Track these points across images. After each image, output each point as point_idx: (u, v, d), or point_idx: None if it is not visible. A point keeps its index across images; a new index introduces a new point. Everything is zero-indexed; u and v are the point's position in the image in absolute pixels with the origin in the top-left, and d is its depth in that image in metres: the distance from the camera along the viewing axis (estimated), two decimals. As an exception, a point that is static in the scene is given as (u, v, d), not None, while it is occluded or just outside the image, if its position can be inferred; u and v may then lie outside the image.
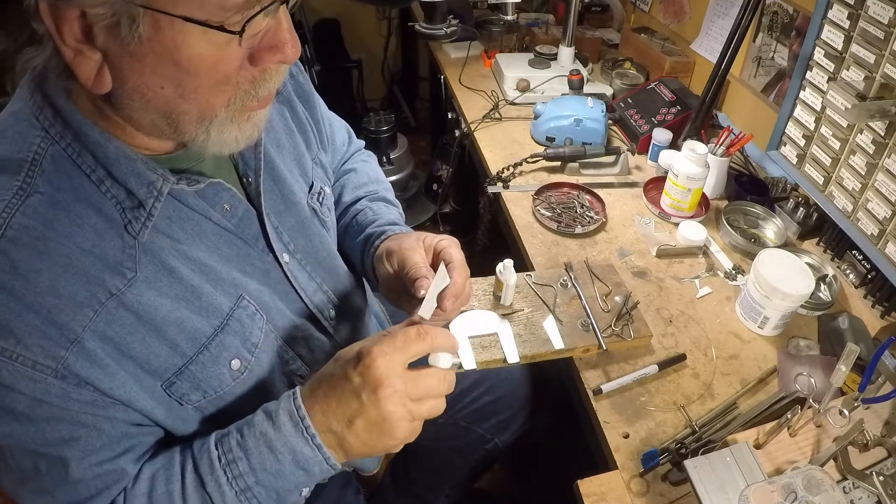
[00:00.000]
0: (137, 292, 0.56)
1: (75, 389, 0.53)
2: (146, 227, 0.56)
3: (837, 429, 0.75)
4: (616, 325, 0.91)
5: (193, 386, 0.62)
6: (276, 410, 0.59)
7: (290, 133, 0.77)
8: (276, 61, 0.52)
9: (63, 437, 0.54)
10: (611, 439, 0.80)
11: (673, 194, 1.17)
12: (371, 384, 0.55)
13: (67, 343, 0.52)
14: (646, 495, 0.74)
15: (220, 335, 0.63)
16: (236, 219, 0.66)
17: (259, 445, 0.58)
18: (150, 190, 0.56)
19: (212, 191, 0.62)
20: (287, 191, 0.73)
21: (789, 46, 1.27)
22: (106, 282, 0.54)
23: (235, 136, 0.56)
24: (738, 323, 0.99)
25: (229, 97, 0.52)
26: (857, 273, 1.04)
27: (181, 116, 0.52)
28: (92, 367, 0.54)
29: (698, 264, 1.11)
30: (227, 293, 0.63)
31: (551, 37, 1.77)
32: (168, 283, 0.58)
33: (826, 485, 0.65)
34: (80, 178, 0.54)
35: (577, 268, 1.01)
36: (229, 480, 0.58)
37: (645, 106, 1.44)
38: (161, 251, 0.58)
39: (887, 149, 0.94)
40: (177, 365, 0.60)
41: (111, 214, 0.55)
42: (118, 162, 0.55)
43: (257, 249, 0.69)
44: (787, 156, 1.18)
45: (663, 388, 0.87)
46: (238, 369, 0.65)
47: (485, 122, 1.50)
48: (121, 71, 0.49)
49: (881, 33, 0.92)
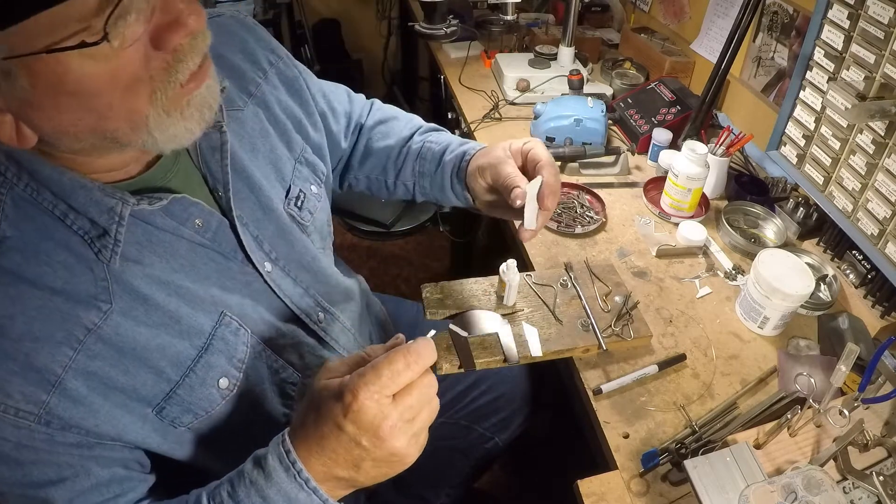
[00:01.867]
0: (115, 324, 0.56)
1: (60, 433, 0.54)
2: (115, 253, 0.55)
3: (837, 429, 0.75)
4: (616, 325, 0.91)
5: (184, 409, 0.61)
6: (265, 456, 0.56)
7: (265, 136, 0.74)
8: (182, 38, 0.48)
9: (50, 479, 0.55)
10: (611, 439, 0.80)
11: (673, 194, 1.17)
12: (368, 430, 0.52)
13: (49, 386, 0.52)
14: (646, 495, 0.74)
15: (205, 356, 0.62)
16: (210, 233, 0.64)
17: (251, 496, 0.55)
18: (110, 216, 0.55)
19: (178, 208, 0.60)
20: (264, 198, 0.71)
21: (789, 46, 1.27)
22: (81, 318, 0.54)
23: (183, 126, 0.52)
24: (738, 323, 0.99)
25: (150, 94, 0.49)
26: (857, 273, 1.04)
27: (115, 133, 0.50)
28: (76, 407, 0.54)
29: (698, 264, 1.11)
30: (207, 312, 0.63)
31: (551, 37, 1.77)
32: (144, 311, 0.58)
33: (826, 485, 0.65)
34: (42, 216, 0.54)
35: (577, 268, 1.01)
36: None
37: (645, 106, 1.44)
38: (134, 279, 0.57)
39: (887, 149, 0.94)
40: (164, 390, 0.59)
41: (79, 249, 0.55)
42: (75, 193, 0.54)
43: (237, 262, 0.67)
44: (787, 156, 1.18)
45: (663, 388, 0.87)
46: (227, 387, 0.64)
47: (485, 122, 1.50)
48: (33, 122, 0.48)
49: (881, 33, 0.92)
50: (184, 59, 0.49)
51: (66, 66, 0.44)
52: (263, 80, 0.76)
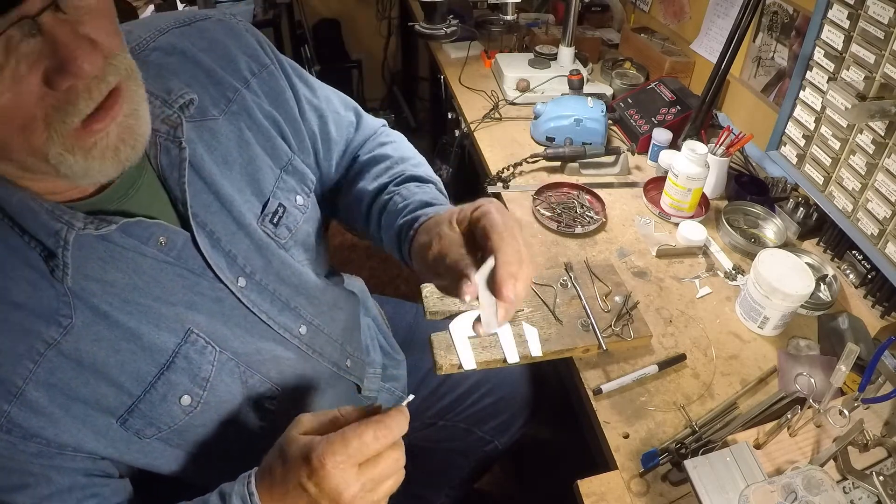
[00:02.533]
0: (75, 339, 0.55)
1: (21, 441, 0.54)
2: (66, 274, 0.54)
3: (837, 429, 0.75)
4: (616, 325, 0.91)
5: (146, 422, 0.61)
6: (231, 495, 0.57)
7: (243, 146, 0.69)
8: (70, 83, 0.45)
9: (13, 484, 0.55)
10: (611, 439, 0.80)
11: (673, 194, 1.17)
12: (329, 495, 0.53)
13: (10, 396, 0.53)
14: (646, 495, 0.74)
15: (166, 373, 0.61)
16: (176, 251, 0.62)
17: None
18: (56, 240, 0.53)
19: (137, 228, 0.58)
20: (236, 212, 0.67)
21: (789, 46, 1.27)
22: (42, 333, 0.54)
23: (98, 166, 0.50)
24: (738, 323, 0.99)
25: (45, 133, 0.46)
26: (857, 273, 1.04)
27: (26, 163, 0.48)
28: (36, 417, 0.54)
29: (698, 264, 1.11)
30: (171, 330, 0.61)
31: (551, 37, 1.77)
32: (105, 328, 0.57)
33: (826, 485, 0.65)
34: (3, 230, 0.53)
35: (577, 268, 1.01)
36: None
37: (645, 106, 1.44)
38: (92, 297, 0.56)
39: (887, 149, 0.94)
40: (126, 404, 0.60)
41: (38, 264, 0.54)
42: (22, 214, 0.53)
43: (207, 278, 0.65)
44: (787, 156, 1.18)
45: (663, 388, 0.87)
46: (189, 405, 0.63)
47: (485, 122, 1.49)
48: None
49: (881, 33, 0.92)
50: (76, 101, 0.46)
51: None
52: (244, 87, 0.72)
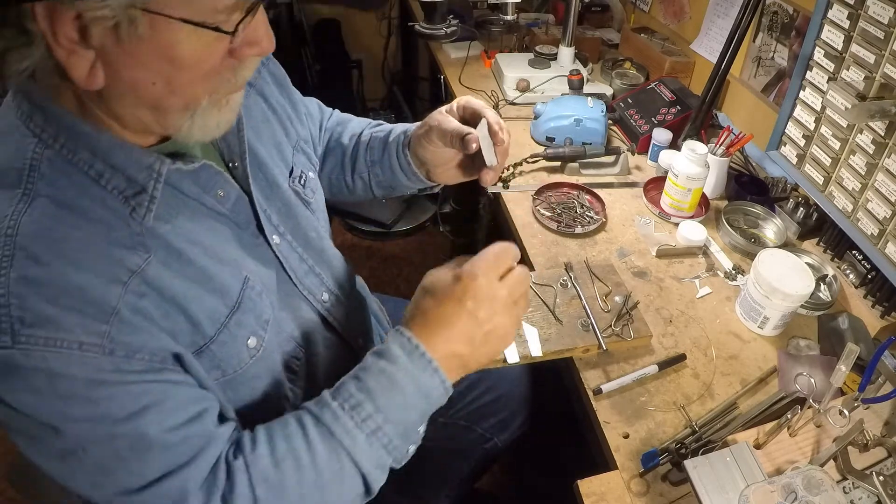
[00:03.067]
0: (155, 270, 0.56)
1: (125, 361, 0.53)
2: (150, 210, 0.57)
3: (837, 429, 0.75)
4: (616, 325, 0.91)
5: (213, 365, 0.62)
6: (387, 347, 0.62)
7: (266, 122, 0.79)
8: (255, 54, 0.56)
9: (130, 410, 0.53)
10: (611, 439, 0.80)
11: (673, 194, 1.17)
12: (484, 301, 0.62)
13: (107, 316, 0.52)
14: (646, 495, 0.74)
15: (237, 314, 0.64)
16: (230, 203, 0.67)
17: (381, 382, 0.60)
18: (149, 173, 0.57)
19: (205, 175, 0.64)
20: (270, 175, 0.75)
21: (789, 46, 1.27)
22: (125, 260, 0.55)
23: (217, 121, 0.58)
24: (738, 323, 0.99)
25: (213, 87, 0.55)
26: (857, 273, 1.04)
27: (168, 109, 0.54)
28: (137, 333, 0.54)
29: (698, 264, 1.11)
30: (234, 273, 0.64)
31: (551, 37, 1.77)
32: (179, 265, 0.59)
33: (826, 485, 0.65)
34: (79, 175, 0.55)
35: (577, 268, 1.01)
36: (358, 424, 0.59)
37: (645, 106, 1.44)
38: (167, 235, 0.59)
39: (887, 149, 0.94)
40: (198, 344, 0.60)
41: (114, 206, 0.56)
42: (113, 151, 0.56)
43: (248, 233, 0.70)
44: (787, 156, 1.18)
45: (663, 388, 0.87)
46: (255, 347, 0.66)
47: (485, 122, 1.49)
48: (114, 68, 0.50)
49: (881, 33, 0.92)
50: (246, 68, 0.57)
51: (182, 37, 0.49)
52: (259, 75, 0.80)
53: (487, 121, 0.78)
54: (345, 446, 0.59)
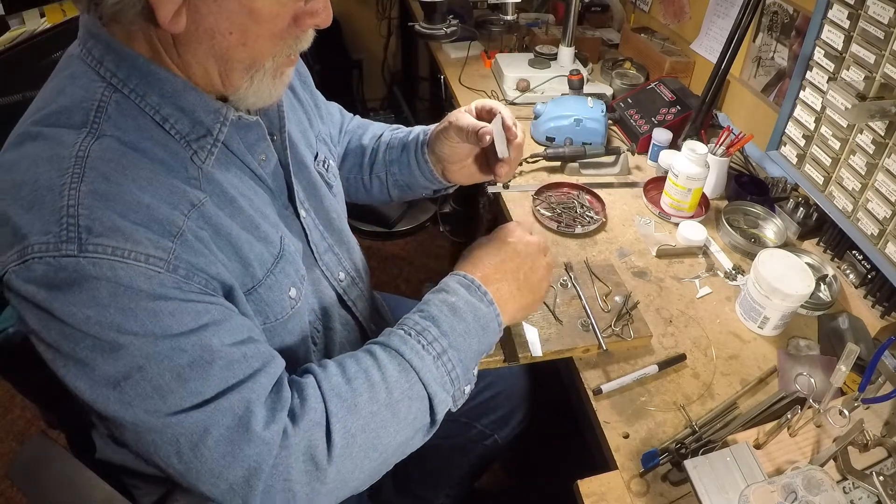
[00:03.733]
0: (212, 210, 0.59)
1: (186, 282, 0.54)
2: (212, 154, 0.61)
3: (837, 429, 0.75)
4: (616, 325, 0.91)
5: (258, 309, 0.64)
6: (446, 283, 0.69)
7: (294, 110, 0.83)
8: (314, 25, 0.61)
9: (192, 326, 0.54)
10: (611, 439, 0.80)
11: (673, 194, 1.18)
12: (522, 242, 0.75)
13: (172, 235, 0.54)
14: (646, 495, 0.74)
15: (280, 263, 0.67)
16: (269, 169, 0.71)
17: (443, 311, 0.66)
18: (216, 116, 0.61)
19: (254, 135, 0.68)
20: (299, 154, 0.78)
21: (789, 46, 1.27)
22: (188, 193, 0.57)
23: (270, 90, 0.62)
24: (738, 323, 0.99)
25: (278, 50, 0.60)
26: (857, 273, 1.04)
27: (235, 64, 0.58)
28: (199, 256, 0.56)
29: (698, 264, 1.11)
30: (273, 229, 0.68)
31: (551, 37, 1.77)
32: (231, 211, 0.62)
33: (826, 485, 0.65)
34: (144, 119, 0.58)
35: (577, 268, 1.01)
36: (425, 347, 0.63)
37: (645, 106, 1.44)
38: (221, 182, 0.62)
39: (887, 149, 0.94)
40: (247, 285, 0.62)
41: (176, 150, 0.59)
42: (186, 93, 0.59)
43: (280, 202, 0.73)
44: (787, 156, 1.18)
45: (663, 388, 0.87)
46: (294, 297, 0.69)
47: (485, 122, 1.49)
48: (199, 13, 0.54)
49: (881, 33, 0.92)
50: (304, 40, 0.62)
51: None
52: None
53: (501, 116, 0.81)
54: (414, 366, 0.62)
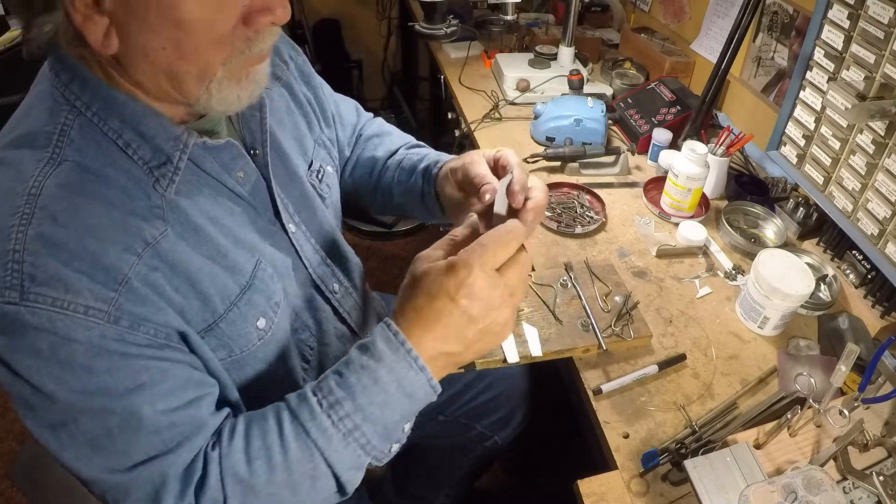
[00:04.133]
0: (171, 243, 0.57)
1: (130, 333, 0.53)
2: (173, 182, 0.59)
3: (837, 429, 0.75)
4: (616, 325, 0.91)
5: (221, 343, 0.63)
6: (373, 342, 0.58)
7: (290, 114, 0.80)
8: (268, 22, 0.55)
9: (127, 386, 0.53)
10: (611, 439, 0.80)
11: (673, 194, 1.17)
12: (480, 299, 0.56)
13: (116, 284, 0.53)
14: (646, 495, 0.74)
15: (248, 293, 0.64)
16: (249, 186, 0.68)
17: (362, 379, 0.57)
18: (176, 143, 0.58)
19: (228, 155, 0.65)
20: (290, 165, 0.76)
21: (789, 46, 1.27)
22: (142, 231, 0.55)
23: (237, 94, 0.58)
24: (738, 323, 0.99)
25: (226, 56, 0.55)
26: (857, 273, 1.04)
27: (184, 76, 0.55)
28: (144, 305, 0.54)
29: (698, 264, 1.11)
30: (246, 254, 0.65)
31: (551, 37, 1.77)
32: (195, 240, 0.60)
33: (826, 485, 0.65)
34: (107, 144, 0.57)
35: (577, 268, 1.01)
36: (335, 423, 0.57)
37: (645, 106, 1.44)
38: (186, 210, 0.60)
39: (887, 149, 0.94)
40: (207, 321, 0.61)
41: (138, 176, 0.57)
42: (146, 118, 0.57)
43: (265, 219, 0.71)
44: (787, 156, 1.18)
45: (663, 388, 0.87)
46: (263, 328, 0.66)
47: (485, 122, 1.49)
48: (126, 33, 0.52)
49: (881, 33, 0.92)
50: (262, 40, 0.57)
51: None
52: (287, 68, 0.81)
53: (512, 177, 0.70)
54: (319, 447, 0.57)
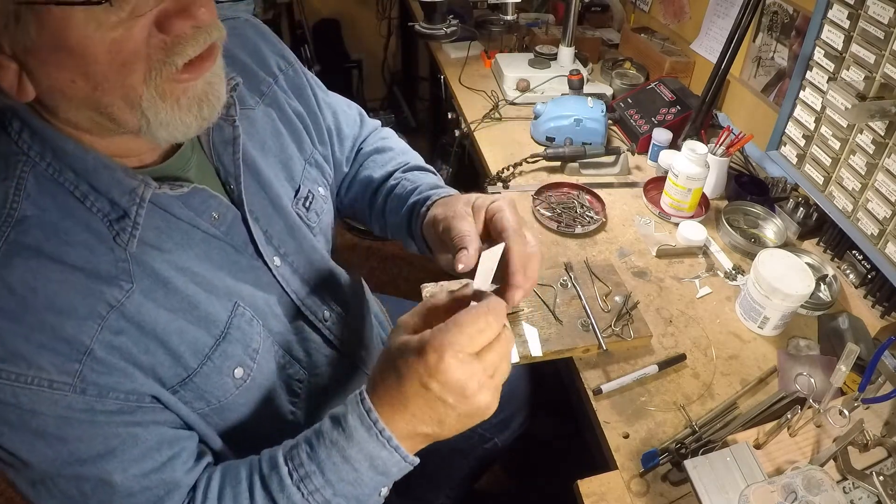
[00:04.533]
0: (137, 303, 0.55)
1: (98, 401, 0.53)
2: (133, 236, 0.55)
3: (837, 429, 0.75)
4: (616, 325, 0.91)
5: (197, 395, 0.61)
6: (345, 415, 0.55)
7: (276, 135, 0.75)
8: (189, 26, 0.49)
9: (99, 452, 0.53)
10: (611, 439, 0.80)
11: (673, 194, 1.17)
12: (454, 388, 0.51)
13: (79, 355, 0.51)
14: (646, 495, 0.74)
15: (223, 344, 0.62)
16: (225, 226, 0.64)
17: (332, 456, 0.55)
18: (132, 197, 0.55)
19: (198, 199, 0.61)
20: (273, 195, 0.71)
21: (789, 46, 1.27)
22: (105, 294, 0.53)
23: (179, 117, 0.52)
24: (738, 323, 0.99)
25: (145, 73, 0.49)
26: (857, 273, 1.04)
27: (109, 108, 0.50)
28: (110, 374, 0.53)
29: (698, 264, 1.11)
30: (222, 301, 0.63)
31: (551, 37, 1.77)
32: (164, 295, 0.57)
33: (826, 485, 0.65)
34: (63, 196, 0.54)
35: (577, 268, 1.01)
36: (305, 497, 0.56)
37: (645, 106, 1.44)
38: (153, 262, 0.57)
39: (887, 149, 0.94)
40: (181, 376, 0.59)
41: (99, 229, 0.54)
42: (97, 172, 0.54)
43: (247, 255, 0.68)
44: (787, 156, 1.18)
45: (663, 388, 0.87)
46: (241, 377, 0.65)
47: (485, 122, 1.49)
48: (34, 74, 0.48)
49: (881, 33, 0.92)
50: (184, 45, 0.50)
51: (70, 23, 0.44)
52: (274, 82, 0.77)
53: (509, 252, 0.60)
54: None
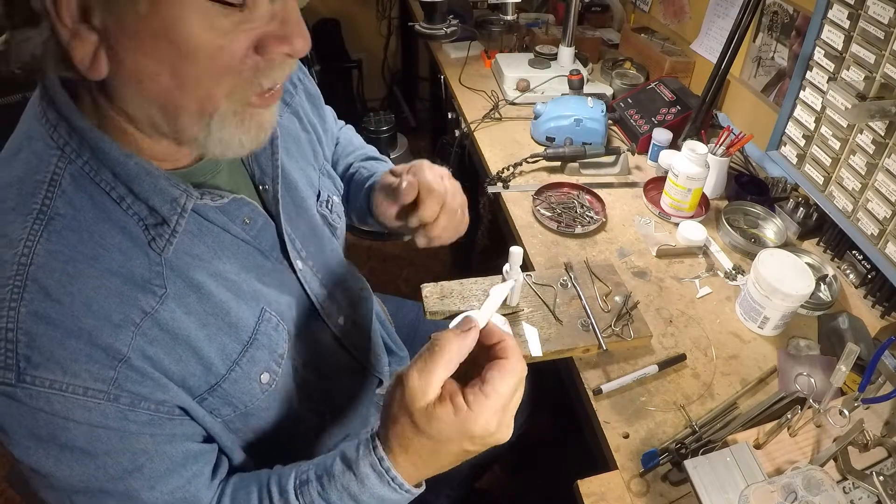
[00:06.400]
0: (170, 310, 0.55)
1: (131, 410, 0.52)
2: (170, 243, 0.55)
3: (837, 429, 0.75)
4: (616, 325, 0.91)
5: (224, 402, 0.61)
6: (356, 461, 0.56)
7: (298, 143, 0.77)
8: (284, 52, 0.49)
9: (126, 468, 0.53)
10: (611, 439, 0.80)
11: (673, 194, 1.17)
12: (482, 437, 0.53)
13: (115, 363, 0.50)
14: (646, 495, 0.74)
15: (250, 350, 0.62)
16: (255, 230, 0.65)
17: (343, 499, 0.57)
18: (173, 206, 0.54)
19: (234, 206, 0.61)
20: (298, 198, 0.73)
21: (789, 46, 1.27)
22: (139, 301, 0.52)
23: (239, 138, 0.52)
24: (738, 323, 0.99)
25: (231, 87, 0.49)
26: (857, 273, 1.04)
27: (179, 111, 0.49)
28: (143, 383, 0.52)
29: (698, 264, 1.11)
30: (250, 306, 0.63)
31: (551, 37, 1.77)
32: (197, 300, 0.57)
33: (826, 485, 0.65)
34: (100, 196, 0.52)
35: (577, 268, 1.01)
36: None
37: (645, 106, 1.44)
38: (187, 268, 0.57)
39: (887, 149, 0.94)
40: (210, 383, 0.59)
41: (134, 232, 0.54)
42: (139, 179, 0.53)
43: (272, 259, 0.68)
44: (787, 156, 1.18)
45: (663, 388, 0.87)
46: (267, 382, 0.65)
47: (485, 122, 1.49)
48: (117, 54, 0.46)
49: (881, 33, 0.92)
50: (273, 70, 0.50)
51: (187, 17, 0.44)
52: (295, 92, 0.79)
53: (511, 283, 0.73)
54: None
